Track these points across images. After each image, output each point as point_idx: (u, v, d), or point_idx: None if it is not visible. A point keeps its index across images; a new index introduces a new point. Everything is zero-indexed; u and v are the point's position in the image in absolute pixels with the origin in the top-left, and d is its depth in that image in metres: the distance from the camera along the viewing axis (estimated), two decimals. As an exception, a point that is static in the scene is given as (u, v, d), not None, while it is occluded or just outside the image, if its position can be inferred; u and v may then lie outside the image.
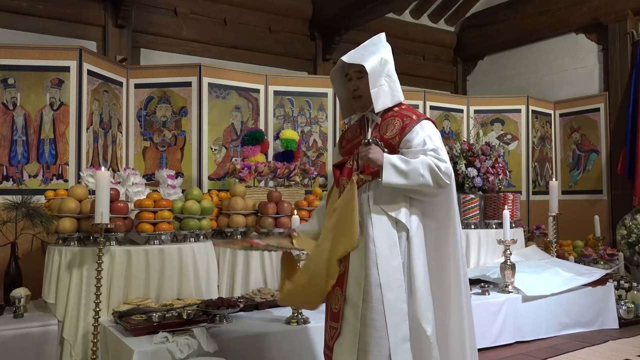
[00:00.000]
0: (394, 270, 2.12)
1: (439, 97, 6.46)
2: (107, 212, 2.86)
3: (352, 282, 2.17)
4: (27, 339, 2.96)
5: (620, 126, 6.23)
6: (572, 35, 6.85)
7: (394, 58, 2.38)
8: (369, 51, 2.30)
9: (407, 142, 2.19)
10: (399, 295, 2.11)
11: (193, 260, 3.39)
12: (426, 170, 2.09)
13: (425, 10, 7.73)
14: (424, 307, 2.12)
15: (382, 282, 2.11)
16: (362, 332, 2.11)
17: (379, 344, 2.08)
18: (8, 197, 3.61)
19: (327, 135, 5.50)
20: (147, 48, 5.74)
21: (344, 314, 2.18)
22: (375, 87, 2.24)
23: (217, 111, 4.95)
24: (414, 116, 2.24)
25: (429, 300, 2.14)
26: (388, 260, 2.13)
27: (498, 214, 4.59)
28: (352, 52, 2.33)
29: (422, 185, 2.10)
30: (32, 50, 4.15)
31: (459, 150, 4.94)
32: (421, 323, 2.11)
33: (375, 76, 2.24)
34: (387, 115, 2.30)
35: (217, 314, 2.93)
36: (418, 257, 2.16)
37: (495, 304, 3.70)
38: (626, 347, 3.70)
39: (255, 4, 6.37)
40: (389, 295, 2.10)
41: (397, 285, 2.12)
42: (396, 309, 2.10)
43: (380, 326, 2.09)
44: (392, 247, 2.14)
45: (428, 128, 2.22)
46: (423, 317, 2.12)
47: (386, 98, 2.27)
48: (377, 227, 2.16)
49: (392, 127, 2.25)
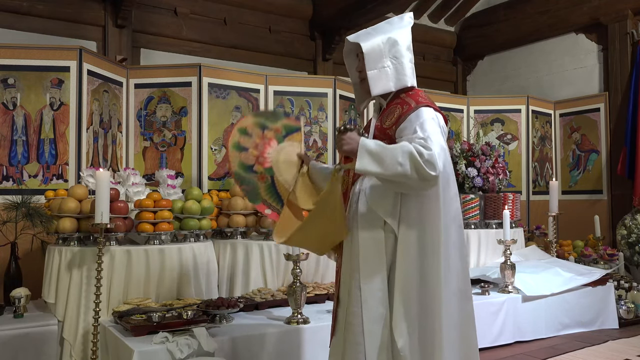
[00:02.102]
0: (377, 273, 1.97)
1: (439, 97, 6.45)
2: (107, 212, 2.86)
3: (342, 282, 2.10)
4: (27, 339, 2.96)
5: (620, 126, 6.23)
6: (572, 35, 6.85)
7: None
8: (379, 30, 2.13)
9: (401, 132, 2.00)
10: (380, 300, 1.95)
11: (193, 260, 3.39)
12: (405, 157, 1.82)
13: (425, 10, 7.73)
14: (398, 317, 1.93)
15: (362, 284, 1.96)
16: (344, 337, 2.03)
17: (356, 350, 1.96)
18: (8, 197, 3.61)
19: (327, 135, 5.49)
20: (147, 48, 5.74)
21: (337, 315, 2.13)
22: (376, 68, 2.05)
23: (217, 111, 4.95)
24: (413, 103, 2.02)
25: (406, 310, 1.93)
26: (371, 262, 1.97)
27: (498, 214, 4.59)
28: (365, 29, 2.18)
29: (400, 175, 1.83)
30: (32, 50, 4.14)
31: (459, 150, 4.94)
32: (394, 333, 1.93)
33: (375, 57, 2.05)
34: (392, 103, 2.11)
35: (217, 314, 2.93)
36: (403, 262, 1.95)
37: (495, 304, 3.70)
38: (626, 347, 3.70)
39: (255, 4, 6.37)
40: (368, 298, 1.95)
41: (378, 289, 1.96)
42: (375, 314, 1.94)
43: (357, 331, 1.96)
44: (377, 248, 1.98)
45: (424, 115, 1.97)
46: (396, 327, 1.93)
47: (388, 81, 2.07)
48: (364, 227, 2.01)
49: (391, 115, 2.07)
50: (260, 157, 2.28)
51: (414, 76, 2.15)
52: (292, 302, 3.01)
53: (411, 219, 1.98)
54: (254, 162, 2.28)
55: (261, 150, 2.29)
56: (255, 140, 2.29)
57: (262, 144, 2.29)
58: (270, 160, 2.27)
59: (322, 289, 3.61)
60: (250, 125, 2.33)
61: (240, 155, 2.29)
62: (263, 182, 2.30)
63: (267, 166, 2.28)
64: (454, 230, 2.02)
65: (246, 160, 2.29)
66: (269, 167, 2.28)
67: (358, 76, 2.20)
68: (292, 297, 3.00)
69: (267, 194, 2.30)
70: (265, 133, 2.32)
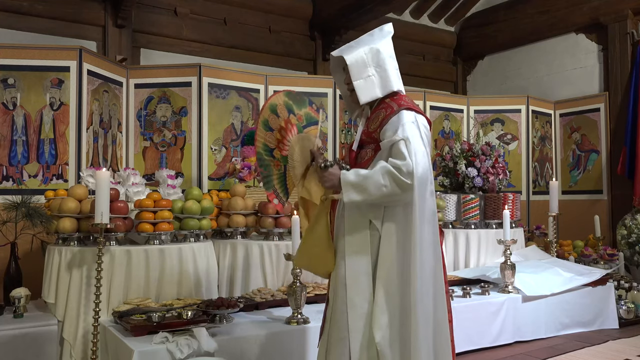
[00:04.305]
0: (362, 270, 2.03)
1: (439, 97, 6.46)
2: (107, 212, 2.86)
3: (332, 282, 2.17)
4: (27, 339, 2.95)
5: (620, 126, 6.23)
6: (572, 35, 6.85)
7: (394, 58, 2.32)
8: (361, 42, 2.22)
9: (384, 134, 2.08)
10: (364, 297, 2.01)
11: (193, 260, 3.39)
12: (386, 178, 1.94)
13: (425, 10, 7.73)
14: (377, 311, 1.99)
15: (347, 281, 2.03)
16: (329, 332, 2.09)
17: (341, 345, 2.01)
18: (8, 197, 3.61)
19: (327, 135, 5.49)
20: (147, 48, 5.74)
21: (326, 314, 2.19)
22: (361, 78, 2.14)
23: (217, 111, 4.95)
24: (396, 106, 2.11)
25: (385, 303, 1.99)
26: (356, 260, 2.04)
27: (498, 214, 4.59)
28: (348, 43, 2.27)
29: (386, 195, 1.95)
30: (32, 50, 4.15)
31: (459, 150, 4.94)
32: (372, 327, 1.99)
33: (359, 67, 2.14)
34: (377, 108, 2.19)
35: (217, 314, 2.93)
36: (386, 258, 2.02)
37: (495, 304, 3.70)
38: (626, 347, 3.70)
39: (255, 4, 6.37)
40: (353, 296, 2.01)
41: (363, 286, 2.02)
42: (360, 310, 2.00)
43: (343, 328, 2.02)
44: (362, 246, 2.05)
45: (404, 118, 2.05)
46: (375, 321, 1.99)
47: (374, 89, 2.15)
48: (350, 226, 2.08)
49: (376, 119, 2.15)
50: (281, 143, 2.30)
51: (399, 80, 2.22)
52: (292, 302, 3.01)
53: (392, 217, 2.05)
54: (275, 146, 2.30)
55: (284, 134, 2.31)
56: (281, 123, 2.30)
57: (286, 129, 2.31)
58: (288, 148, 2.29)
59: (322, 289, 3.61)
60: (280, 105, 2.33)
61: (266, 135, 2.29)
62: (277, 170, 2.32)
63: (285, 154, 2.30)
64: (427, 230, 2.05)
65: (269, 142, 2.30)
66: (285, 156, 2.30)
67: (347, 88, 2.28)
68: (292, 297, 3.01)
69: (278, 183, 2.33)
70: (291, 117, 2.34)
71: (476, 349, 3.55)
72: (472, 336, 3.55)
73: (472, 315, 3.56)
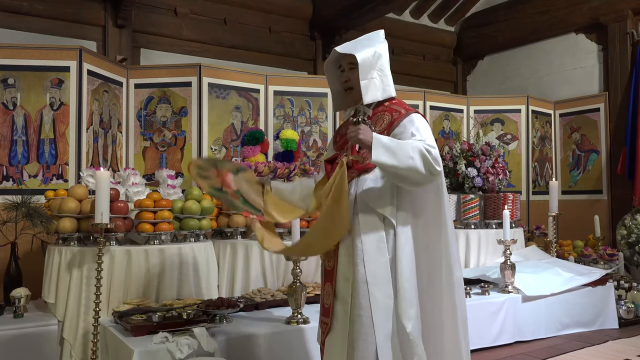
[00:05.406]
0: (381, 267, 2.11)
1: (438, 97, 6.46)
2: (107, 212, 2.86)
3: (341, 279, 2.19)
4: (27, 339, 2.96)
5: (620, 126, 6.23)
6: (572, 35, 6.85)
7: (394, 58, 2.36)
8: (363, 44, 2.27)
9: (394, 137, 2.13)
10: (386, 292, 2.10)
11: (193, 260, 3.39)
12: (416, 153, 2.00)
13: (425, 10, 7.73)
14: (405, 304, 2.09)
15: (368, 278, 2.10)
16: (351, 329, 2.13)
17: (366, 341, 2.08)
18: (8, 197, 3.61)
19: (327, 135, 5.49)
20: (147, 48, 5.74)
21: (334, 310, 2.20)
22: (366, 79, 2.20)
23: (217, 111, 4.95)
24: (403, 110, 2.21)
25: (412, 297, 2.11)
26: (375, 257, 2.11)
27: (498, 214, 4.59)
28: (346, 43, 2.32)
29: (412, 168, 1.99)
30: (32, 50, 4.15)
31: (459, 150, 4.94)
32: (402, 320, 2.08)
33: (367, 68, 2.20)
34: (377, 110, 2.26)
35: (217, 314, 2.93)
36: (404, 253, 2.12)
37: (495, 304, 3.70)
38: (626, 347, 3.70)
39: (255, 4, 6.37)
40: (375, 291, 2.09)
41: (383, 282, 2.10)
42: (383, 305, 2.09)
43: (367, 322, 2.09)
44: (379, 244, 2.12)
45: (417, 121, 2.16)
46: (404, 313, 2.09)
47: (377, 91, 2.22)
48: (364, 223, 2.14)
49: (381, 122, 2.22)
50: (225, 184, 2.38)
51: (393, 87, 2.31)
52: (292, 302, 3.01)
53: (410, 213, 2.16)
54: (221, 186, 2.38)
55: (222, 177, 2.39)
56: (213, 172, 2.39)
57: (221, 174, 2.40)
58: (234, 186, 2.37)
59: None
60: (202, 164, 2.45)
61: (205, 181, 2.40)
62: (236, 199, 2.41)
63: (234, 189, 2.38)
64: (451, 222, 2.21)
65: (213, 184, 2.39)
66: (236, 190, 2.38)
67: (342, 85, 2.31)
68: (292, 297, 3.01)
69: (243, 204, 2.42)
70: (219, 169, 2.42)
71: (476, 349, 3.55)
72: (472, 336, 3.52)
73: (472, 315, 3.53)
